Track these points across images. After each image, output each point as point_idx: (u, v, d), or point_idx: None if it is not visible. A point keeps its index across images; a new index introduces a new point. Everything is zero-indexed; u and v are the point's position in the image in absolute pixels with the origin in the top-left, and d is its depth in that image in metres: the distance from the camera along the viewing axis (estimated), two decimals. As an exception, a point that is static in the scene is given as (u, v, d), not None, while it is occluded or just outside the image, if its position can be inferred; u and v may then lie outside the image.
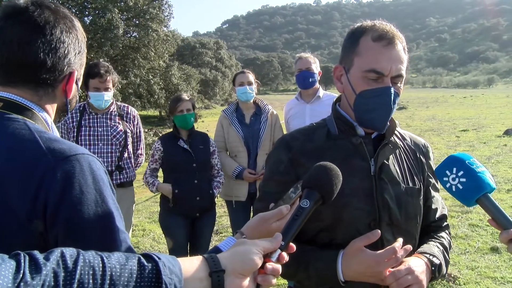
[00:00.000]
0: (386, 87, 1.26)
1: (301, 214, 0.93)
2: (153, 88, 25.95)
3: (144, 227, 5.82)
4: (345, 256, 1.22)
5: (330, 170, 1.02)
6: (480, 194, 1.09)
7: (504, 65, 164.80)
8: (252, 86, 3.60)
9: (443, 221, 1.50)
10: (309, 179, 1.00)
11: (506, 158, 9.51)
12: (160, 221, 3.49)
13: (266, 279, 0.83)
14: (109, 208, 0.90)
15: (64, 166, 0.86)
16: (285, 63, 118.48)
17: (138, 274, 0.68)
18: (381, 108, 1.28)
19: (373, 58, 1.26)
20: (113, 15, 21.13)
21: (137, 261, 0.70)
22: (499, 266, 4.06)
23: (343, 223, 1.29)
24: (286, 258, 0.88)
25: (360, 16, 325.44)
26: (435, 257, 1.29)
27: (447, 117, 23.14)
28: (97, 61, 3.27)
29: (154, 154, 3.41)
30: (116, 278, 0.66)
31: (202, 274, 0.76)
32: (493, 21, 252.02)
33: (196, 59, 46.37)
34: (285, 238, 0.89)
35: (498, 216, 1.09)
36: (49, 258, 0.63)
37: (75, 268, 0.63)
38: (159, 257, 0.72)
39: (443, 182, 1.16)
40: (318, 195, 0.97)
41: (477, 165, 1.13)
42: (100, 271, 0.65)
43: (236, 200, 3.60)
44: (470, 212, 5.63)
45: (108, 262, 0.67)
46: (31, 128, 0.92)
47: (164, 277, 0.69)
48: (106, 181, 0.93)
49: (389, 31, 1.27)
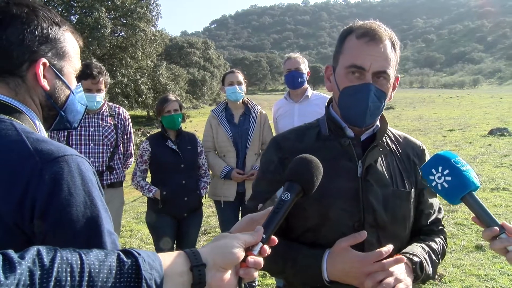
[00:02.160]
0: (364, 84, 1.27)
1: (282, 207, 0.93)
2: (141, 88, 25.75)
3: (131, 228, 5.79)
4: (331, 255, 1.23)
5: (310, 162, 1.02)
6: (465, 192, 1.11)
7: (488, 66, 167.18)
8: (241, 86, 3.61)
9: (436, 225, 1.48)
10: (290, 172, 1.01)
11: (490, 157, 9.67)
12: (147, 221, 3.48)
13: (248, 272, 0.83)
14: (98, 210, 0.88)
15: (52, 168, 0.84)
16: (274, 63, 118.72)
17: (118, 270, 0.67)
18: (358, 104, 1.29)
19: (354, 54, 1.28)
20: (100, 14, 20.94)
21: (116, 257, 0.69)
22: (483, 264, 4.13)
23: (328, 223, 1.30)
24: (268, 251, 0.88)
25: (348, 17, 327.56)
26: (415, 256, 1.28)
27: (434, 117, 23.41)
28: (89, 62, 3.21)
29: (143, 154, 3.39)
30: (94, 274, 0.65)
31: (183, 268, 0.76)
32: (478, 23, 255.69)
33: (184, 58, 46.09)
34: (267, 231, 0.89)
35: (482, 214, 1.11)
36: (24, 256, 0.61)
37: (52, 265, 0.62)
38: (138, 252, 0.72)
39: (429, 180, 1.17)
40: (299, 187, 0.98)
41: (462, 164, 1.14)
42: (78, 268, 0.64)
43: (224, 200, 3.60)
44: (456, 211, 5.71)
45: (87, 259, 0.66)
46: (17, 129, 0.90)
47: (143, 273, 0.69)
48: (95, 182, 0.91)
49: (374, 29, 1.28)
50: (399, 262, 1.19)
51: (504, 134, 13.32)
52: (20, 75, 0.98)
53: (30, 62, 0.98)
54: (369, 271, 1.17)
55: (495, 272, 3.94)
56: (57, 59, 1.03)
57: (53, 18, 1.03)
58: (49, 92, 1.02)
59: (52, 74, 1.02)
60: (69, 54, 1.06)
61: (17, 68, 0.97)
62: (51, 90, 1.03)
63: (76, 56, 1.09)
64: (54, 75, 1.03)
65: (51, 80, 1.02)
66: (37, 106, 1.02)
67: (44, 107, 1.04)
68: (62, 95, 1.07)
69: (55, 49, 1.02)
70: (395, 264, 1.18)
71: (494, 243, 1.09)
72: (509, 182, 7.27)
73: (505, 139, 12.42)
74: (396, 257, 1.19)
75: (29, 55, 0.97)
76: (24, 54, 0.97)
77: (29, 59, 0.98)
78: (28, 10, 0.98)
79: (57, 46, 1.03)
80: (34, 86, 1.00)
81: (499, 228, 1.08)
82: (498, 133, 13.46)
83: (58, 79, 1.04)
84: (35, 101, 1.02)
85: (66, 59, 1.06)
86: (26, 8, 0.98)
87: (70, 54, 1.07)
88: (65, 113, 1.09)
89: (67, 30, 1.07)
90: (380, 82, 1.29)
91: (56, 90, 1.04)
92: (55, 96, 1.05)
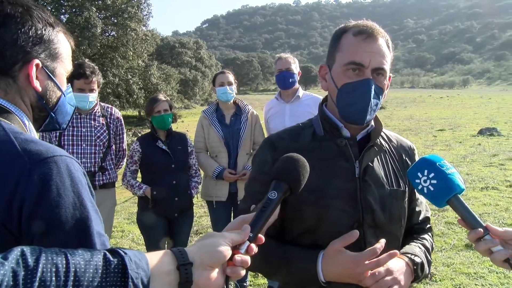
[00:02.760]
0: (365, 80, 1.26)
1: (268, 206, 0.94)
2: (132, 88, 25.64)
3: (123, 228, 5.76)
4: (325, 257, 1.22)
5: (297, 161, 1.02)
6: (450, 195, 1.12)
7: (477, 66, 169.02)
8: (232, 86, 3.60)
9: (426, 223, 1.51)
10: (277, 171, 1.01)
11: (480, 157, 9.77)
12: (138, 222, 3.46)
13: (235, 270, 0.83)
14: (87, 211, 0.87)
15: (41, 169, 0.83)
16: (265, 63, 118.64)
17: (104, 270, 0.67)
18: (358, 101, 1.28)
19: (353, 51, 1.28)
20: (90, 13, 20.80)
21: (103, 257, 0.69)
22: (472, 262, 4.17)
23: (326, 224, 1.29)
24: (255, 249, 0.88)
25: (340, 17, 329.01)
26: (416, 256, 1.30)
27: (425, 116, 23.61)
28: (82, 62, 3.17)
29: (133, 155, 3.37)
30: (80, 274, 0.64)
31: (170, 267, 0.76)
32: (467, 24, 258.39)
33: (175, 58, 45.91)
34: (254, 229, 0.89)
35: (467, 216, 1.12)
36: (8, 257, 0.61)
37: (36, 266, 0.61)
38: (125, 252, 0.72)
39: (415, 184, 1.18)
40: (286, 186, 0.98)
41: (447, 167, 1.15)
42: (63, 268, 0.64)
43: (216, 200, 3.59)
44: (446, 210, 5.75)
45: (72, 258, 0.66)
46: (5, 129, 0.88)
47: (130, 272, 0.68)
48: (85, 183, 0.90)
49: (371, 27, 1.29)
50: (392, 256, 1.19)
51: (493, 134, 13.49)
52: (12, 75, 0.97)
53: (23, 62, 0.97)
54: (364, 270, 1.16)
55: (484, 270, 3.98)
56: (50, 60, 1.02)
57: (47, 18, 1.02)
58: (41, 93, 1.02)
59: (44, 75, 1.02)
60: (61, 55, 1.06)
61: (9, 68, 0.96)
62: (43, 92, 1.02)
63: (68, 57, 1.09)
64: (46, 76, 1.02)
65: (43, 81, 1.01)
66: (27, 106, 1.01)
67: (34, 108, 1.03)
68: (54, 96, 1.06)
69: (48, 50, 1.01)
70: (390, 259, 1.19)
71: (478, 245, 1.10)
72: (498, 181, 7.36)
73: (494, 139, 12.57)
74: (390, 252, 1.19)
75: (22, 55, 0.96)
76: (17, 54, 0.96)
77: (22, 60, 0.97)
78: (22, 10, 0.97)
79: (50, 47, 1.02)
80: (26, 87, 0.99)
81: (483, 230, 1.09)
82: (487, 133, 13.63)
83: (50, 81, 1.03)
84: (26, 102, 1.01)
85: (59, 61, 1.05)
86: (21, 8, 0.97)
87: (62, 55, 1.06)
88: (55, 114, 1.08)
89: (60, 31, 1.06)
90: (379, 79, 1.29)
91: (47, 92, 1.04)
92: (46, 98, 1.04)
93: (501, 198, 6.36)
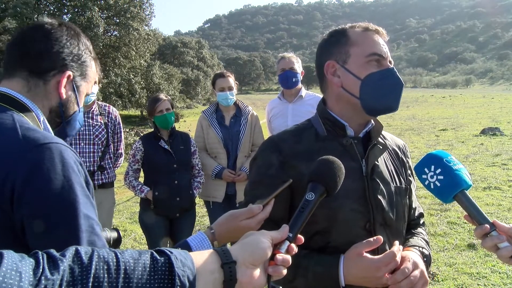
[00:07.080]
0: (391, 68, 1.30)
1: (306, 207, 0.96)
2: (134, 88, 25.68)
3: (125, 228, 5.76)
4: (346, 261, 1.21)
5: (333, 163, 1.04)
6: (457, 191, 1.12)
7: (480, 66, 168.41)
8: (232, 91, 3.56)
9: (420, 219, 1.54)
10: (313, 173, 1.03)
11: (482, 156, 9.75)
12: (140, 221, 3.46)
13: (277, 269, 0.84)
14: (76, 194, 0.92)
15: (35, 153, 0.91)
16: (267, 62, 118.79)
17: (151, 268, 0.70)
18: (391, 88, 1.30)
19: (371, 43, 1.31)
20: (93, 13, 20.84)
21: (150, 256, 0.72)
22: (475, 262, 4.16)
23: (338, 225, 1.27)
24: (295, 249, 0.89)
25: (342, 17, 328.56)
26: (424, 249, 1.32)
27: (427, 116, 23.58)
28: None
29: (135, 154, 3.37)
30: (130, 271, 0.68)
31: (214, 266, 0.78)
32: (470, 23, 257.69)
33: (177, 58, 45.96)
34: (292, 230, 0.91)
35: (474, 212, 1.12)
36: (65, 255, 0.66)
37: (90, 263, 0.65)
38: (170, 251, 0.74)
39: (422, 179, 1.19)
40: (323, 188, 1.00)
41: (454, 163, 1.15)
42: (114, 266, 0.67)
43: (213, 201, 3.59)
44: (448, 210, 5.75)
45: (122, 257, 0.69)
46: (15, 119, 0.99)
47: (176, 270, 0.71)
48: (77, 170, 0.96)
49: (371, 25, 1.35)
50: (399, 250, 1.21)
51: (496, 133, 13.46)
52: (45, 78, 1.11)
53: (58, 71, 1.13)
54: (384, 273, 1.16)
55: (486, 270, 3.97)
56: (79, 78, 1.19)
57: (89, 46, 1.24)
58: (63, 101, 1.16)
59: (71, 88, 1.17)
60: (89, 77, 1.23)
61: (45, 72, 1.11)
62: (65, 100, 1.16)
63: (92, 81, 1.25)
64: (72, 89, 1.17)
65: (68, 92, 1.16)
66: (46, 108, 1.14)
67: (52, 112, 1.16)
68: (71, 108, 1.20)
69: (81, 69, 1.19)
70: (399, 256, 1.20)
71: (485, 241, 1.10)
72: (500, 181, 7.34)
73: (497, 139, 12.54)
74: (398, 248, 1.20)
75: (60, 64, 1.13)
76: (57, 62, 1.12)
77: (59, 68, 1.13)
78: (73, 33, 1.19)
79: (83, 67, 1.20)
80: (52, 92, 1.13)
81: (490, 226, 1.09)
82: (490, 133, 13.60)
83: (73, 94, 1.18)
84: (46, 104, 1.13)
85: (86, 81, 1.22)
86: (73, 31, 1.19)
87: (90, 78, 1.23)
88: (67, 124, 1.20)
89: (94, 58, 1.26)
90: None
91: (68, 102, 1.18)
92: (66, 106, 1.18)
93: (503, 198, 6.34)
